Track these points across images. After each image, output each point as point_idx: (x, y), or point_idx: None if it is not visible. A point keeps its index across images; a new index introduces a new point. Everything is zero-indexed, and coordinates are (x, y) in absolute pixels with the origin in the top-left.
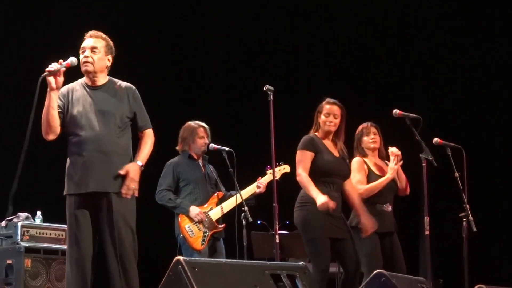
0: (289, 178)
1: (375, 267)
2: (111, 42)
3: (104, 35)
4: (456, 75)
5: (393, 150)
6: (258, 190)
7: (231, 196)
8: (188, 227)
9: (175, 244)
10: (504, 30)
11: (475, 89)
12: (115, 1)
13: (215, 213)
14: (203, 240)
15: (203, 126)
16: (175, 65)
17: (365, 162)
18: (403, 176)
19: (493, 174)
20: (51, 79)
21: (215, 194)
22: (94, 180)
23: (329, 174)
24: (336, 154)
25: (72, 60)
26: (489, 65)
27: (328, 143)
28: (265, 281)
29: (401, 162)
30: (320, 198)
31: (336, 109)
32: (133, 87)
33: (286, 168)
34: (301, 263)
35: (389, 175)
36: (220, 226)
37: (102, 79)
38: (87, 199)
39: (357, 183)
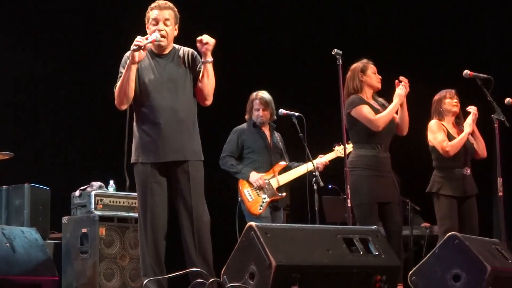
0: None
1: (449, 230)
2: (176, 9)
3: (171, 4)
4: None
5: (471, 107)
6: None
7: (291, 168)
8: (248, 191)
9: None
10: None
11: None
12: None
13: (276, 181)
14: (261, 206)
15: (259, 98)
16: (243, 31)
17: (443, 125)
18: (480, 138)
19: None
20: (136, 53)
21: (278, 163)
22: (173, 149)
23: (376, 133)
24: (381, 110)
25: (156, 36)
26: None
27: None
28: (338, 245)
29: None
30: None
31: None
32: (195, 52)
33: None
34: (374, 226)
35: (467, 130)
36: (280, 194)
37: (169, 47)
38: (163, 168)
39: (441, 142)
